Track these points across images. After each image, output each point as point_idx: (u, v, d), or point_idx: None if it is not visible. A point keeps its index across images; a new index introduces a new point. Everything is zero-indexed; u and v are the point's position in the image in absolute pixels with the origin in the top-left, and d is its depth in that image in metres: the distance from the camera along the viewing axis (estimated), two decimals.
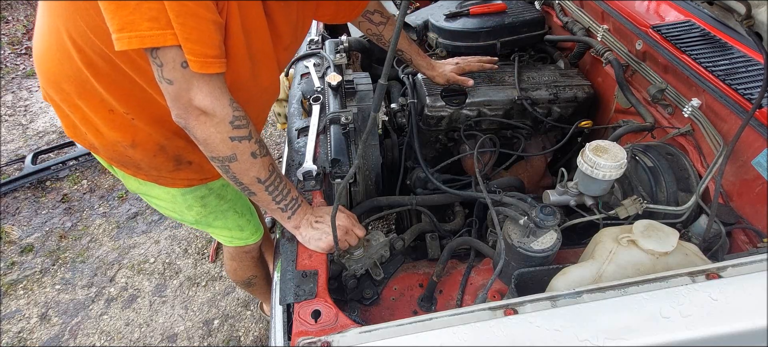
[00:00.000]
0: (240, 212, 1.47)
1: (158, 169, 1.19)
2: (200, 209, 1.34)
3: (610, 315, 0.73)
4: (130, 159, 1.16)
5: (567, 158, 1.83)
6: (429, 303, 1.21)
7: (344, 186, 0.96)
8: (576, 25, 1.85)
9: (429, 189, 1.60)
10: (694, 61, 1.32)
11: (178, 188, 1.26)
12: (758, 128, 1.14)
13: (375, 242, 1.24)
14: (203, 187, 1.32)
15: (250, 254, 1.65)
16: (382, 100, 0.89)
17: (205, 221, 1.40)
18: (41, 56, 1.05)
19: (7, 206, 2.89)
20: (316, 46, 1.83)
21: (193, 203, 1.32)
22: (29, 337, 2.20)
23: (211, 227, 1.44)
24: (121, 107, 1.04)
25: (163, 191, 1.27)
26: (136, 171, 1.20)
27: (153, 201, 1.34)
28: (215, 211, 1.39)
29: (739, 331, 0.70)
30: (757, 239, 1.15)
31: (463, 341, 0.72)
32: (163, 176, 1.22)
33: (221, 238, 1.52)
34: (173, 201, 1.30)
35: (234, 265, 1.69)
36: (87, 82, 1.01)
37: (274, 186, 1.05)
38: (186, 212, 1.34)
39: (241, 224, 1.49)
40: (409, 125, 1.68)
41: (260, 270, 1.78)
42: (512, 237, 1.15)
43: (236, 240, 1.52)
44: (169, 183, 1.24)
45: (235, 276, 1.76)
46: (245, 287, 1.84)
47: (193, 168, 1.23)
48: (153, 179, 1.22)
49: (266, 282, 1.88)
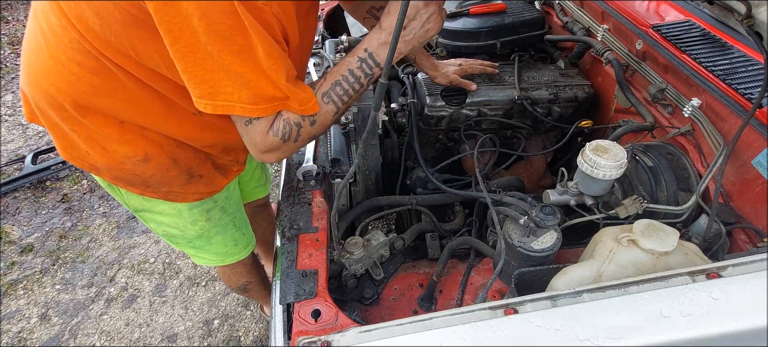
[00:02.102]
0: (238, 226, 1.46)
1: (170, 184, 1.16)
2: (204, 223, 1.32)
3: (610, 315, 0.73)
4: (138, 176, 1.11)
5: (567, 157, 1.83)
6: (429, 303, 1.21)
7: (344, 186, 0.96)
8: (576, 24, 1.85)
9: (429, 189, 1.60)
10: (695, 60, 1.32)
11: (187, 202, 1.24)
12: (758, 128, 1.14)
13: (375, 242, 1.24)
14: (210, 200, 1.30)
15: (243, 262, 1.63)
16: (382, 99, 0.89)
17: (206, 236, 1.37)
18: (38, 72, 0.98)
19: (7, 206, 2.89)
20: (316, 45, 1.83)
21: (198, 217, 1.30)
22: (29, 337, 2.20)
23: (210, 243, 1.41)
24: (134, 118, 1.01)
25: (168, 207, 1.24)
26: (144, 189, 1.16)
27: (155, 218, 1.29)
28: (217, 225, 1.37)
29: (739, 331, 0.70)
30: (758, 238, 1.15)
31: (463, 341, 0.72)
32: (174, 190, 1.18)
33: (213, 259, 1.48)
34: (178, 217, 1.27)
35: (227, 272, 1.68)
36: (94, 94, 0.96)
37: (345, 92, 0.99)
38: (190, 227, 1.31)
39: (236, 239, 1.47)
40: (409, 124, 1.68)
41: (255, 275, 1.76)
42: (512, 237, 1.15)
43: (228, 258, 1.50)
44: (180, 198, 1.21)
45: (229, 282, 1.75)
46: (241, 292, 1.83)
47: (203, 181, 1.21)
48: (162, 195, 1.19)
49: (263, 286, 1.86)
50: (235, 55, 0.80)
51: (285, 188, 1.25)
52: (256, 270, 1.77)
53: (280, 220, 1.16)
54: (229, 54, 0.79)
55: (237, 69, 0.82)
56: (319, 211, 1.15)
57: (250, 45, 0.80)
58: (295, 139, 0.96)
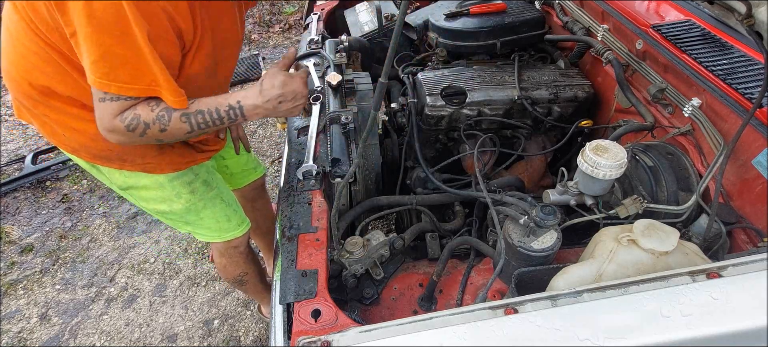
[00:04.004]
0: (227, 201, 1.50)
1: (143, 156, 1.22)
2: (189, 195, 1.36)
3: (610, 315, 0.73)
4: (113, 151, 1.18)
5: (567, 157, 1.83)
6: (429, 303, 1.21)
7: (344, 186, 0.96)
8: (576, 24, 1.85)
9: (429, 189, 1.60)
10: (695, 60, 1.32)
11: (165, 174, 1.28)
12: (758, 128, 1.14)
13: (375, 241, 1.24)
14: (189, 172, 1.34)
15: (238, 249, 1.65)
16: (382, 98, 0.89)
17: (194, 209, 1.41)
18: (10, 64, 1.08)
19: (7, 206, 2.89)
20: (316, 45, 1.83)
21: (181, 189, 1.34)
22: (29, 337, 2.20)
23: (200, 217, 1.45)
24: (88, 101, 1.06)
25: (150, 180, 1.29)
26: (121, 163, 1.23)
27: (142, 194, 1.34)
28: (204, 198, 1.41)
29: (739, 330, 0.70)
30: (758, 238, 1.15)
31: (463, 340, 0.72)
32: (149, 162, 1.24)
33: (210, 234, 1.52)
34: (161, 189, 1.32)
35: (223, 261, 1.70)
36: (50, 81, 1.06)
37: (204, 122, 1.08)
38: (175, 200, 1.35)
39: (228, 214, 1.51)
40: (409, 124, 1.68)
41: (251, 266, 1.78)
42: (512, 237, 1.15)
43: (225, 233, 1.53)
44: (156, 169, 1.27)
45: (225, 273, 1.76)
46: (238, 285, 1.84)
47: (176, 151, 1.27)
48: (140, 167, 1.24)
49: (259, 281, 1.88)
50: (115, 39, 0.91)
51: (285, 188, 1.25)
52: (252, 262, 1.79)
53: (280, 220, 1.16)
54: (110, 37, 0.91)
55: (117, 51, 0.93)
56: (319, 211, 1.15)
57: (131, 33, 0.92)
58: (140, 134, 1.04)
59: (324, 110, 1.44)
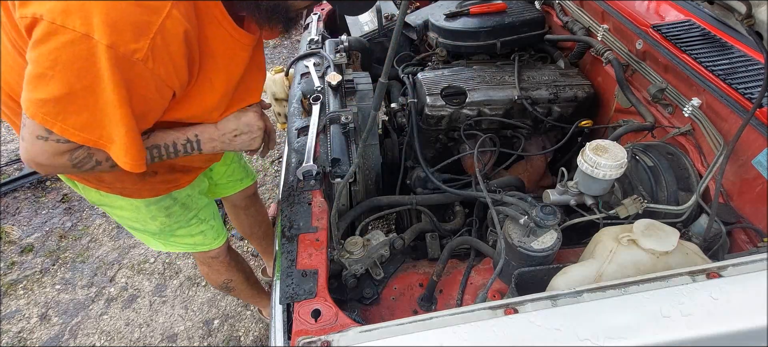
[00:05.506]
0: (203, 219, 1.46)
1: (122, 181, 1.17)
2: (164, 219, 1.33)
3: (610, 315, 0.73)
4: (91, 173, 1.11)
5: (567, 157, 1.83)
6: (429, 303, 1.21)
7: (344, 186, 0.96)
8: (576, 24, 1.85)
9: (429, 189, 1.59)
10: (695, 60, 1.32)
11: (143, 198, 1.24)
12: (758, 128, 1.14)
13: (375, 241, 1.24)
14: (168, 197, 1.30)
15: (218, 259, 1.63)
16: (382, 98, 0.89)
17: (168, 231, 1.38)
18: None
19: (7, 206, 2.89)
20: (316, 45, 1.83)
21: (157, 213, 1.30)
22: (29, 337, 2.20)
23: (173, 236, 1.41)
24: None
25: (126, 203, 1.25)
26: (98, 184, 1.18)
27: (115, 213, 1.31)
28: (179, 220, 1.37)
29: (739, 330, 0.70)
30: (758, 238, 1.15)
31: (463, 340, 0.72)
32: (127, 187, 1.19)
33: (183, 247, 1.49)
34: (136, 211, 1.28)
35: (205, 270, 1.69)
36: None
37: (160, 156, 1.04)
38: (150, 222, 1.32)
39: (203, 230, 1.47)
40: (409, 124, 1.68)
41: (235, 273, 1.75)
42: (512, 237, 1.15)
43: (199, 246, 1.50)
44: (135, 195, 1.22)
45: (209, 279, 1.74)
46: (225, 291, 1.82)
47: (158, 179, 1.22)
48: (117, 191, 1.20)
49: (248, 286, 1.84)
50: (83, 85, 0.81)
51: (285, 188, 1.25)
52: (236, 269, 1.75)
53: (280, 220, 1.16)
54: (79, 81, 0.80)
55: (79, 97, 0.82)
56: (319, 211, 1.15)
57: (100, 87, 0.81)
58: (90, 169, 0.96)
59: (324, 110, 1.44)
